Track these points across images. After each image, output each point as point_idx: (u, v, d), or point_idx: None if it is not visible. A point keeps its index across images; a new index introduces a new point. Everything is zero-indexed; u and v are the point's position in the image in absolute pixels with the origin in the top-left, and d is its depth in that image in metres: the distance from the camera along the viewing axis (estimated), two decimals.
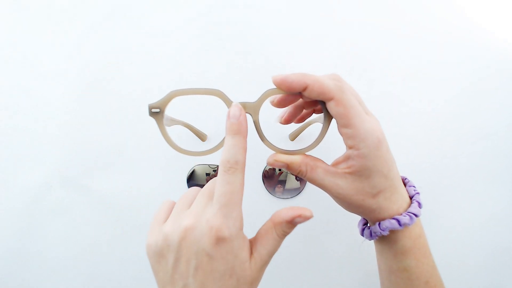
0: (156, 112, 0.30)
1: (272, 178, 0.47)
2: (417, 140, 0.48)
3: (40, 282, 0.48)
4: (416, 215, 0.31)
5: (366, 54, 0.47)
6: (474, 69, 0.48)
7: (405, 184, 0.34)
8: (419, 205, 0.32)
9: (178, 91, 0.29)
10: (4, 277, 0.48)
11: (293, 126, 0.46)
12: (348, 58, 0.47)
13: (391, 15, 0.47)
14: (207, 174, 0.47)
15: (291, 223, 0.29)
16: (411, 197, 0.33)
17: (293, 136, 0.46)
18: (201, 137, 0.46)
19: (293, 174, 0.47)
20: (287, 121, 0.37)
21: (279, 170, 0.47)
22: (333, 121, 0.30)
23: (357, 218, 0.50)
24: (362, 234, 0.35)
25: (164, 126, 0.31)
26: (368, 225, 0.35)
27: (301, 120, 0.38)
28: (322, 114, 0.31)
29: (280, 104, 0.33)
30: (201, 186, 0.47)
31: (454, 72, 0.48)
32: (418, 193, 0.33)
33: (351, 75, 0.47)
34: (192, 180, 0.47)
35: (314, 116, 0.38)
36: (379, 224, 0.32)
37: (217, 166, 0.47)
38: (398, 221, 0.31)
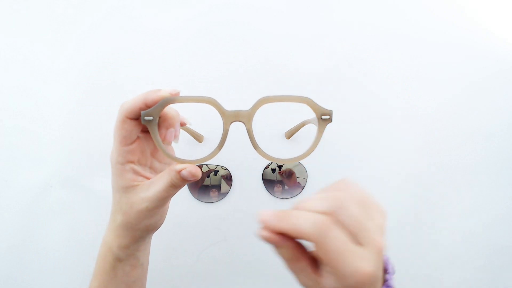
0: (149, 120, 0.29)
1: (273, 180, 0.48)
2: (417, 140, 0.48)
3: (40, 282, 0.48)
4: None
5: (366, 54, 0.47)
6: (474, 69, 0.48)
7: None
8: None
9: (171, 99, 0.29)
10: (4, 277, 0.48)
11: (289, 125, 0.46)
12: (348, 58, 0.47)
13: (391, 15, 0.47)
14: (207, 176, 0.47)
15: (179, 175, 0.30)
16: None
17: (289, 135, 0.46)
18: (198, 138, 0.46)
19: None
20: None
21: (279, 169, 0.47)
22: (328, 126, 0.30)
23: None
24: None
25: (157, 134, 0.30)
26: None
27: None
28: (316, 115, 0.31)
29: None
30: (200, 185, 0.47)
31: (454, 72, 0.48)
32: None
33: (350, 75, 0.47)
34: None
35: (309, 117, 0.38)
36: None
37: (217, 166, 0.47)
38: None
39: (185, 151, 0.47)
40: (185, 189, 0.47)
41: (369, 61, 0.47)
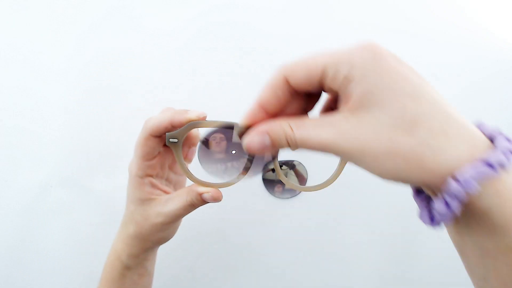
0: (174, 142, 0.29)
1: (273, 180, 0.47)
2: None
3: (40, 282, 0.48)
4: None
5: None
6: (474, 69, 0.48)
7: None
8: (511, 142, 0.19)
9: (197, 123, 0.29)
10: (4, 277, 0.48)
11: None
12: None
13: (390, 15, 0.47)
14: None
15: (200, 196, 0.30)
16: (489, 138, 0.20)
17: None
18: None
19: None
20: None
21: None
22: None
23: (358, 216, 0.50)
24: (428, 220, 0.21)
25: (182, 156, 0.30)
26: (429, 199, 0.21)
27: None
28: None
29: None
30: None
31: (454, 72, 0.48)
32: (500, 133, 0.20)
33: None
34: None
35: None
36: (453, 181, 0.18)
37: None
38: (487, 162, 0.18)
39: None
40: None
41: None
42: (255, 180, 0.48)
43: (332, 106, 0.25)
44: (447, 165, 0.18)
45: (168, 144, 0.29)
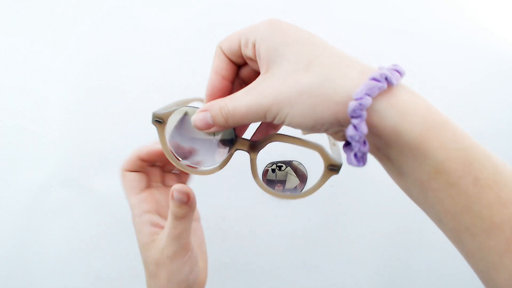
0: (159, 122, 0.28)
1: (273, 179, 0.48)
2: None
3: (40, 282, 0.48)
4: (399, 72, 0.21)
5: (366, 54, 0.47)
6: (474, 69, 0.48)
7: None
8: (397, 67, 0.22)
9: (184, 108, 0.29)
10: (4, 277, 0.48)
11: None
12: None
13: (391, 15, 0.47)
14: None
15: (172, 198, 0.27)
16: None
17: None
18: None
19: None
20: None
21: (279, 169, 0.47)
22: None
23: (358, 216, 0.50)
24: (354, 160, 0.23)
25: (166, 137, 0.30)
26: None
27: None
28: None
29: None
30: None
31: (454, 72, 0.48)
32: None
33: None
34: None
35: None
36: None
37: None
38: (374, 78, 0.20)
39: None
40: None
41: (369, 61, 0.47)
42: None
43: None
44: (344, 92, 0.20)
45: (152, 123, 0.28)
